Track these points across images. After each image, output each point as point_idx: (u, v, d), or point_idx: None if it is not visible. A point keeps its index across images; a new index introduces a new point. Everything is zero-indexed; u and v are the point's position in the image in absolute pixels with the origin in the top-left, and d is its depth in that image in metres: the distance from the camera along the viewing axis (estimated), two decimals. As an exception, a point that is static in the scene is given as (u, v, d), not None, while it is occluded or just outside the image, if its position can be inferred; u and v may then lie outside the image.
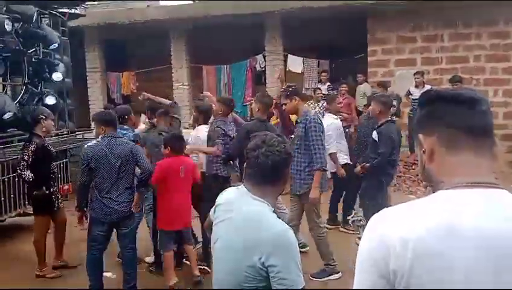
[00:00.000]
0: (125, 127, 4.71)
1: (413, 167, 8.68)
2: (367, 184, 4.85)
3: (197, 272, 4.27)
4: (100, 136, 3.98)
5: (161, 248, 4.26)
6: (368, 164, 4.77)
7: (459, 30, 9.54)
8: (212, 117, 5.08)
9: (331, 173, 5.45)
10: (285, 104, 4.36)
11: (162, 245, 4.24)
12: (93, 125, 5.67)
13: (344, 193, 5.81)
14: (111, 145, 3.85)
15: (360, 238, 3.53)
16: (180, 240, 4.48)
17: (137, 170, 4.11)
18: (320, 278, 4.33)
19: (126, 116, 4.81)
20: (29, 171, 4.40)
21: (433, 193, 1.05)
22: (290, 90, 4.32)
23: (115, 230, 4.08)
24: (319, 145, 4.14)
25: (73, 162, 6.56)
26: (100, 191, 3.87)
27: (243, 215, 1.81)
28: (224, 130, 4.58)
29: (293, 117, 5.19)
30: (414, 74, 8.85)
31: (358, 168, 4.96)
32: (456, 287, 0.92)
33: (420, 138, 1.10)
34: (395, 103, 5.72)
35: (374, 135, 4.81)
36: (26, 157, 4.42)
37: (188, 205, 4.37)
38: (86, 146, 4.14)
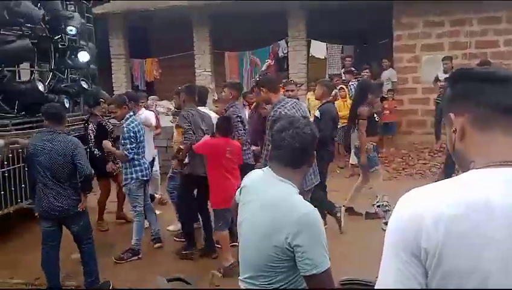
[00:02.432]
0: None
1: (438, 154, 8.51)
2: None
3: None
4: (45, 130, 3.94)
5: (216, 228, 4.39)
6: None
7: (489, 14, 9.23)
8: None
9: None
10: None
11: (216, 226, 4.37)
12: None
13: None
14: (53, 141, 3.74)
15: (386, 223, 3.51)
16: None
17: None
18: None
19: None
20: (96, 149, 5.45)
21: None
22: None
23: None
24: None
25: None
26: (43, 186, 3.77)
27: (269, 197, 1.82)
28: (240, 116, 4.84)
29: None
30: (442, 60, 8.61)
31: None
32: (488, 265, 0.90)
33: (451, 118, 1.07)
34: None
35: (317, 113, 5.35)
36: (90, 136, 5.56)
37: (236, 185, 4.36)
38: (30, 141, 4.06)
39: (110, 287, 4.08)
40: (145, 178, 4.82)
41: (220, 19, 10.65)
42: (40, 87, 5.86)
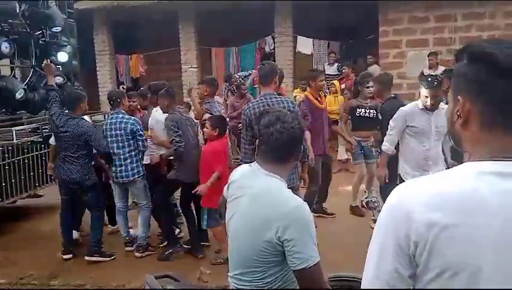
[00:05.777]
0: (121, 111, 4.61)
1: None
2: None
3: None
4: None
5: (211, 225, 4.29)
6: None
7: (473, 9, 9.32)
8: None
9: None
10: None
11: (211, 223, 4.25)
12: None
13: None
14: (66, 124, 4.42)
15: (374, 221, 3.47)
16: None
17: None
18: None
19: (119, 100, 4.64)
20: None
21: (455, 148, 1.00)
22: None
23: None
24: None
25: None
26: (62, 161, 4.51)
27: (258, 191, 1.80)
28: (211, 113, 4.79)
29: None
30: (428, 55, 8.70)
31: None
32: (479, 259, 0.88)
33: (460, 100, 0.99)
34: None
35: (380, 115, 4.92)
36: None
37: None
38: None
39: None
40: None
41: (206, 14, 10.57)
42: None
